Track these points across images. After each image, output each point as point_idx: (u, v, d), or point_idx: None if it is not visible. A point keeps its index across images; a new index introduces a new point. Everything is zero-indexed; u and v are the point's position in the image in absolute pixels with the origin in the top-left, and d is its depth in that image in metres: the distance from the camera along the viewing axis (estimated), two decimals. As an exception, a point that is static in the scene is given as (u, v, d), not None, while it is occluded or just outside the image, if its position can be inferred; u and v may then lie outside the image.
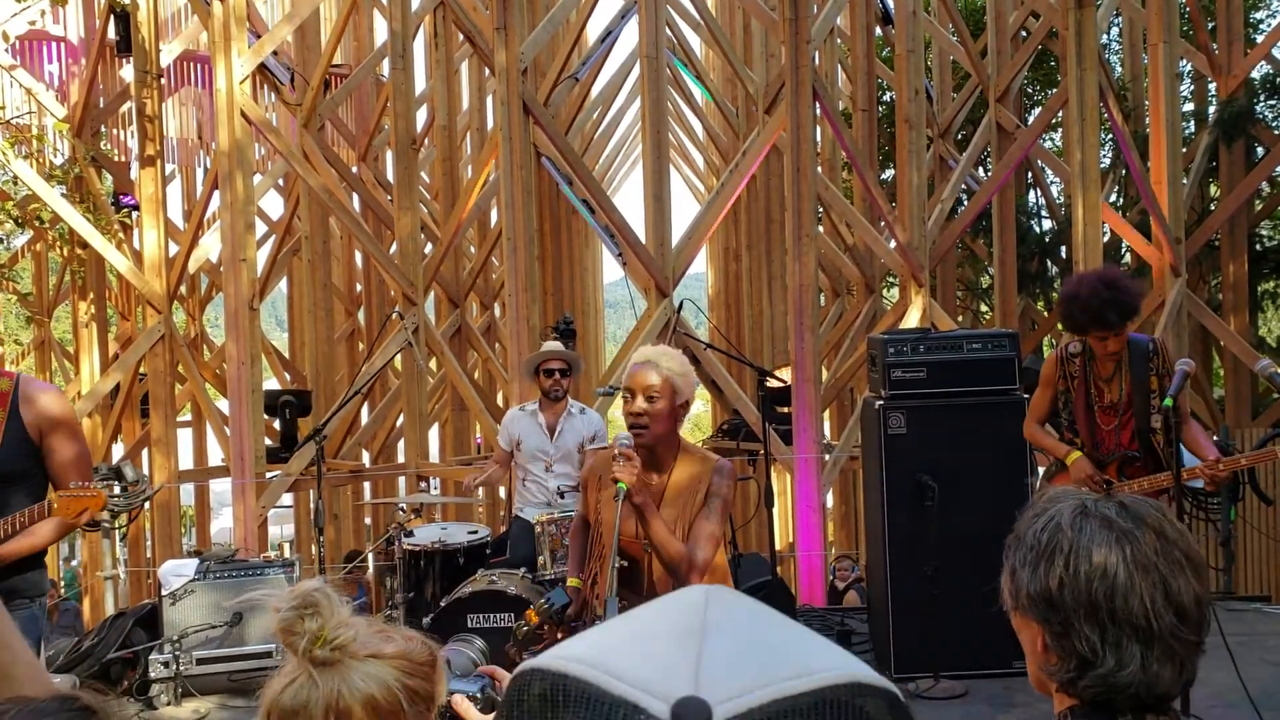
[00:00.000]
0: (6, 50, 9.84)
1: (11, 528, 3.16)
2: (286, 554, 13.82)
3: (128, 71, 10.17)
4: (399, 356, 9.40)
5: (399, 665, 1.37)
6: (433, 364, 11.58)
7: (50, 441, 3.26)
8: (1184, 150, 10.60)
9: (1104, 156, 12.37)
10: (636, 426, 3.06)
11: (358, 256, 13.90)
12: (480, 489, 6.04)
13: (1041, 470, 4.85)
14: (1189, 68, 12.60)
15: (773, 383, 6.61)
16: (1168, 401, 3.94)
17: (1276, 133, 11.76)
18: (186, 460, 12.20)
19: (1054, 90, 12.83)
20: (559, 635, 3.21)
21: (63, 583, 13.37)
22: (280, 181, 13.10)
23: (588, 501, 3.31)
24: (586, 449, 5.45)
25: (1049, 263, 13.33)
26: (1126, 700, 1.22)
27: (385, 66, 10.83)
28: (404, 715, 1.34)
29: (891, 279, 12.02)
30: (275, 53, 9.98)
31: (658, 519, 3.03)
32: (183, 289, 11.86)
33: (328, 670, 1.32)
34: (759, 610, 0.58)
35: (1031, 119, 11.74)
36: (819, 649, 0.56)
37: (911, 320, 8.88)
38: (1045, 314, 13.42)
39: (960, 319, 13.73)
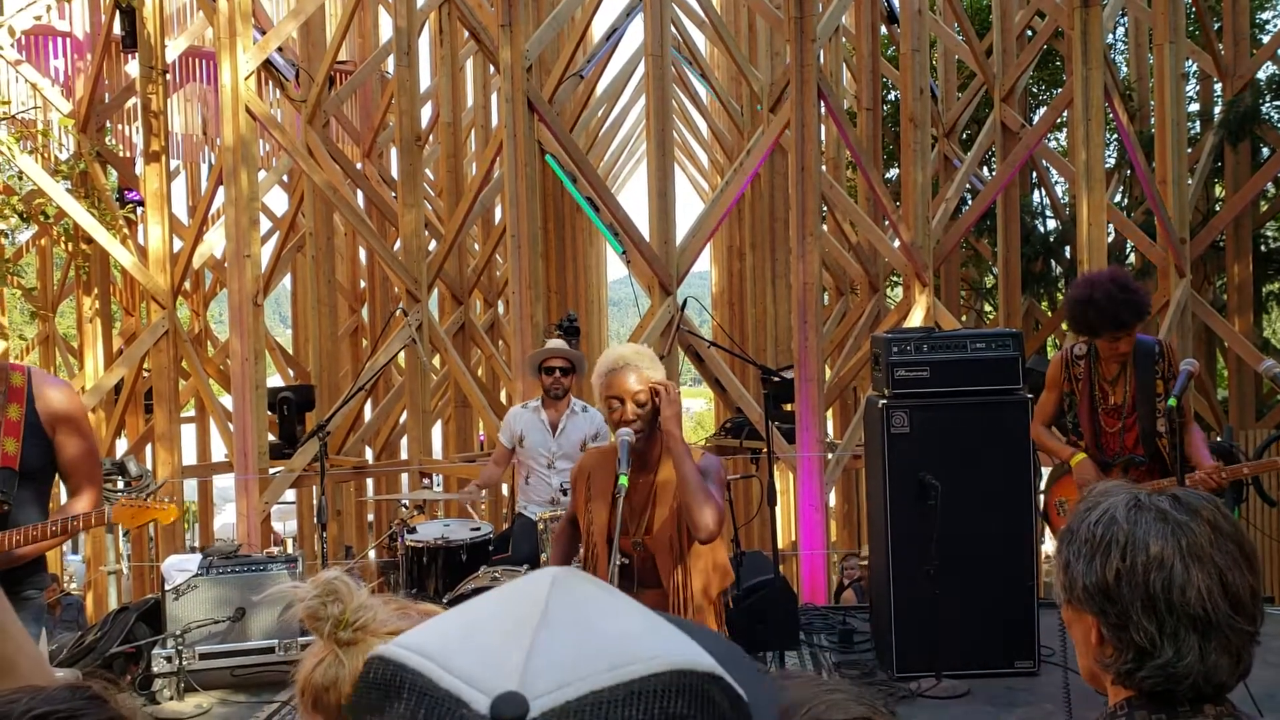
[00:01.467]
0: (12, 45, 9.86)
1: (60, 529, 3.18)
2: (289, 550, 13.83)
3: (133, 67, 10.19)
4: (402, 353, 9.41)
5: None
6: (436, 361, 11.59)
7: (60, 437, 3.25)
8: (1189, 150, 10.59)
9: (1109, 156, 12.36)
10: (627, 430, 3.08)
11: (362, 253, 13.91)
12: (478, 490, 6.04)
13: (1046, 471, 4.85)
14: (1195, 68, 12.57)
15: (786, 374, 6.60)
16: (1171, 401, 3.94)
17: (1282, 133, 11.74)
18: (190, 456, 12.22)
19: (1059, 90, 12.82)
20: None
21: (68, 578, 13.39)
22: (285, 178, 13.11)
23: (577, 501, 3.31)
24: (589, 446, 5.46)
25: (1053, 263, 13.32)
26: (1186, 690, 1.24)
27: (390, 63, 10.83)
28: None
29: (895, 278, 12.01)
30: (280, 49, 9.98)
31: (690, 466, 3.00)
32: (187, 284, 11.87)
33: (353, 649, 1.43)
34: (602, 599, 0.57)
35: (1036, 118, 11.72)
36: (655, 638, 0.55)
37: (915, 319, 8.87)
38: (1049, 314, 13.40)
39: (964, 319, 13.71)
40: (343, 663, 1.44)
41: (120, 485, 4.09)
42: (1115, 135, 11.71)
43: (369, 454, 11.56)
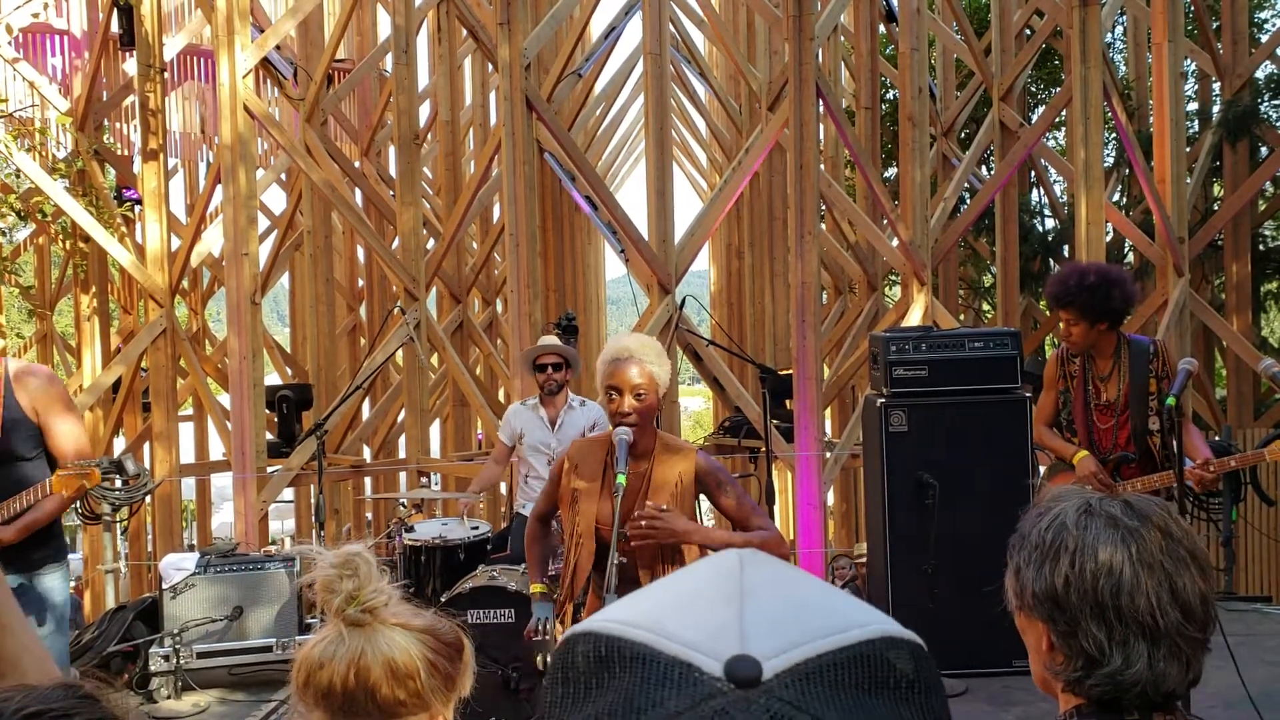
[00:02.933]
0: (10, 43, 9.84)
1: (21, 504, 3.33)
2: (287, 548, 13.82)
3: (131, 65, 10.17)
4: (400, 352, 9.40)
5: (423, 639, 1.47)
6: (434, 359, 11.58)
7: (46, 420, 3.41)
8: (1188, 150, 10.59)
9: (1107, 155, 12.36)
10: (625, 425, 3.06)
11: (360, 251, 13.90)
12: (477, 496, 6.04)
13: (1043, 469, 4.85)
14: (1193, 67, 12.57)
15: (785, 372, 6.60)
16: (1170, 400, 3.94)
17: (1280, 133, 11.74)
18: (188, 454, 12.21)
19: (1058, 89, 12.82)
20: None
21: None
22: (283, 176, 13.10)
23: (560, 488, 3.25)
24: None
25: (1051, 262, 13.32)
26: (1134, 699, 1.22)
27: (388, 61, 10.82)
28: (420, 684, 1.44)
29: (894, 277, 12.01)
30: (278, 47, 9.97)
31: (718, 533, 3.11)
32: (185, 283, 11.86)
33: (356, 630, 1.44)
34: (792, 572, 0.60)
35: (1035, 117, 11.72)
36: (851, 606, 0.58)
37: (913, 318, 8.87)
38: (1047, 313, 13.40)
39: (962, 318, 13.72)
40: (344, 642, 1.44)
41: (118, 484, 4.09)
42: (1114, 134, 11.72)
43: (367, 453, 11.55)
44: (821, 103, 8.16)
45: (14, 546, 3.33)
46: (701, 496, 3.25)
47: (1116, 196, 12.67)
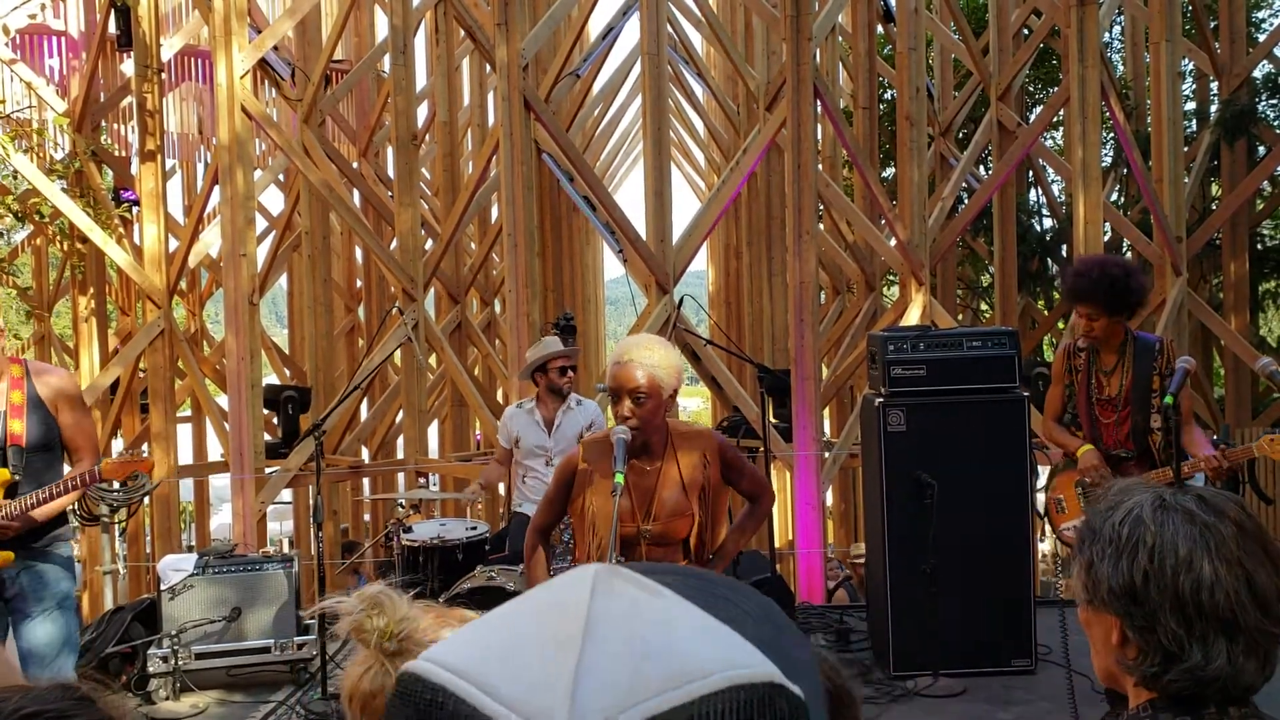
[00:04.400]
0: (7, 44, 9.84)
1: (59, 489, 3.76)
2: (285, 549, 13.83)
3: (128, 66, 10.16)
4: (399, 352, 9.40)
5: None
6: (432, 360, 11.58)
7: (61, 413, 3.82)
8: (1185, 149, 10.59)
9: (1105, 155, 12.36)
10: (626, 424, 3.06)
11: (358, 252, 13.89)
12: (481, 490, 6.03)
13: (1045, 470, 4.85)
14: (1191, 66, 12.58)
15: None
16: (1168, 399, 3.94)
17: (1278, 132, 11.74)
18: (186, 455, 12.20)
19: (1055, 88, 12.82)
20: None
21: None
22: (281, 177, 13.08)
23: (574, 488, 3.22)
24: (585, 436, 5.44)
25: (1049, 261, 13.32)
26: (1213, 694, 1.22)
27: (386, 62, 10.81)
28: None
29: (892, 277, 12.01)
30: (276, 48, 9.96)
31: (732, 540, 3.32)
32: (183, 284, 11.85)
33: (398, 658, 1.51)
34: (648, 603, 0.54)
35: (1033, 117, 11.72)
36: (706, 647, 0.52)
37: (912, 318, 8.87)
38: (1045, 313, 13.41)
39: (960, 317, 13.72)
40: (389, 671, 1.50)
41: (115, 485, 4.14)
42: (1112, 134, 11.73)
43: (365, 453, 11.55)
44: (819, 103, 8.17)
45: (33, 529, 3.78)
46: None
47: (1114, 196, 12.67)
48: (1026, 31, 12.08)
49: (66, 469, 3.97)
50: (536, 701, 0.49)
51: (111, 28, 9.87)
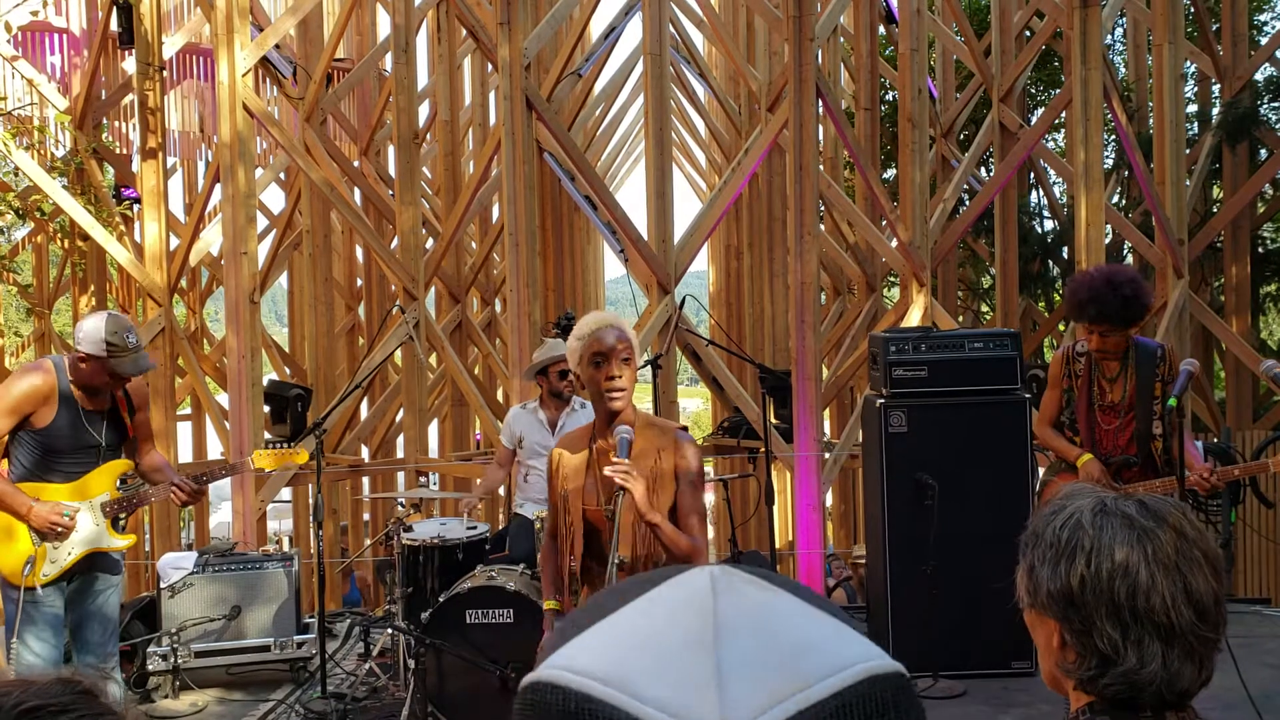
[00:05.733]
0: (8, 41, 9.83)
1: (209, 475, 4.32)
2: (285, 548, 13.83)
3: (130, 64, 10.16)
4: (399, 351, 9.39)
5: None
6: (433, 359, 11.57)
7: (140, 412, 4.18)
8: (1187, 152, 10.59)
9: (1107, 157, 12.36)
10: (614, 391, 3.01)
11: (359, 251, 13.89)
12: (478, 504, 6.02)
13: (1042, 470, 4.84)
14: (1193, 69, 12.58)
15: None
16: (1171, 402, 3.94)
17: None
18: (186, 453, 12.20)
19: (1058, 90, 12.82)
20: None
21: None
22: (282, 175, 13.09)
23: (552, 490, 3.22)
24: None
25: (1051, 263, 13.32)
26: (1149, 698, 1.23)
27: (388, 61, 10.82)
28: None
29: (893, 278, 12.01)
30: (278, 46, 9.96)
31: (667, 525, 3.01)
32: (183, 282, 11.85)
33: None
34: (771, 603, 0.55)
35: (1035, 119, 11.72)
36: (835, 643, 0.54)
37: (913, 319, 8.87)
38: (1047, 314, 13.41)
39: (961, 319, 13.72)
40: None
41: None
42: (1114, 136, 11.71)
43: (365, 452, 11.54)
44: (821, 103, 8.16)
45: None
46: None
47: (1116, 198, 12.67)
48: (1029, 33, 12.08)
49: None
50: (685, 700, 0.50)
51: (113, 25, 9.86)
